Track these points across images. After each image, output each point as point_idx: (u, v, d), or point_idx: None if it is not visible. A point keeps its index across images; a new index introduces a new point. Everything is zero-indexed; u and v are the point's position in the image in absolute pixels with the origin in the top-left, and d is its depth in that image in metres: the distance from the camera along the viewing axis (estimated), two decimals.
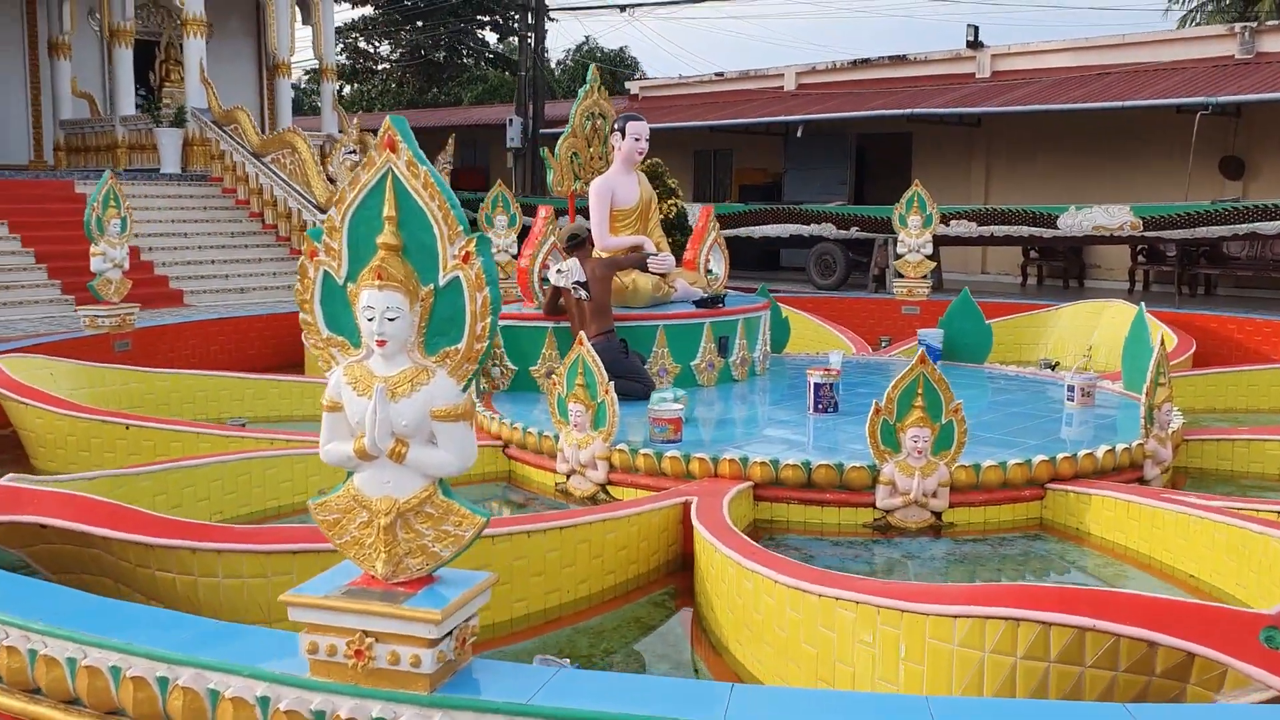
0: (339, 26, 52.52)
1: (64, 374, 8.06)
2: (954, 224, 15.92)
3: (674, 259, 8.86)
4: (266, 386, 8.71)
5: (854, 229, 17.08)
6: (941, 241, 16.64)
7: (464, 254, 2.65)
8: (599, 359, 7.61)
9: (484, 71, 48.91)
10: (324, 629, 2.75)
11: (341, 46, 53.19)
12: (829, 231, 17.34)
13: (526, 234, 8.96)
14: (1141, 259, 17.83)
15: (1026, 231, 15.44)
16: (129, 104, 18.71)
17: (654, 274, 8.69)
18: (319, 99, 52.86)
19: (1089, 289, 18.38)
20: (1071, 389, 7.75)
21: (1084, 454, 6.16)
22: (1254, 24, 18.70)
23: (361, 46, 53.49)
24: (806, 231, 17.71)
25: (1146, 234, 14.70)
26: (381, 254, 2.68)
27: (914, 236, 13.10)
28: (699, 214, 9.65)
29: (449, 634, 2.76)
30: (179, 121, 17.70)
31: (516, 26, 51.07)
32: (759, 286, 10.72)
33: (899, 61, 21.47)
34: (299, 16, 23.52)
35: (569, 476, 6.51)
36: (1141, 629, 3.06)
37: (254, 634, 3.09)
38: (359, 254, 2.74)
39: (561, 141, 9.00)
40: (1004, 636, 3.28)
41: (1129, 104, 16.23)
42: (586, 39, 48.98)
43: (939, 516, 5.93)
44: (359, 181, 2.71)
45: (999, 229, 15.60)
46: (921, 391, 5.83)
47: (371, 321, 2.69)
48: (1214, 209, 14.30)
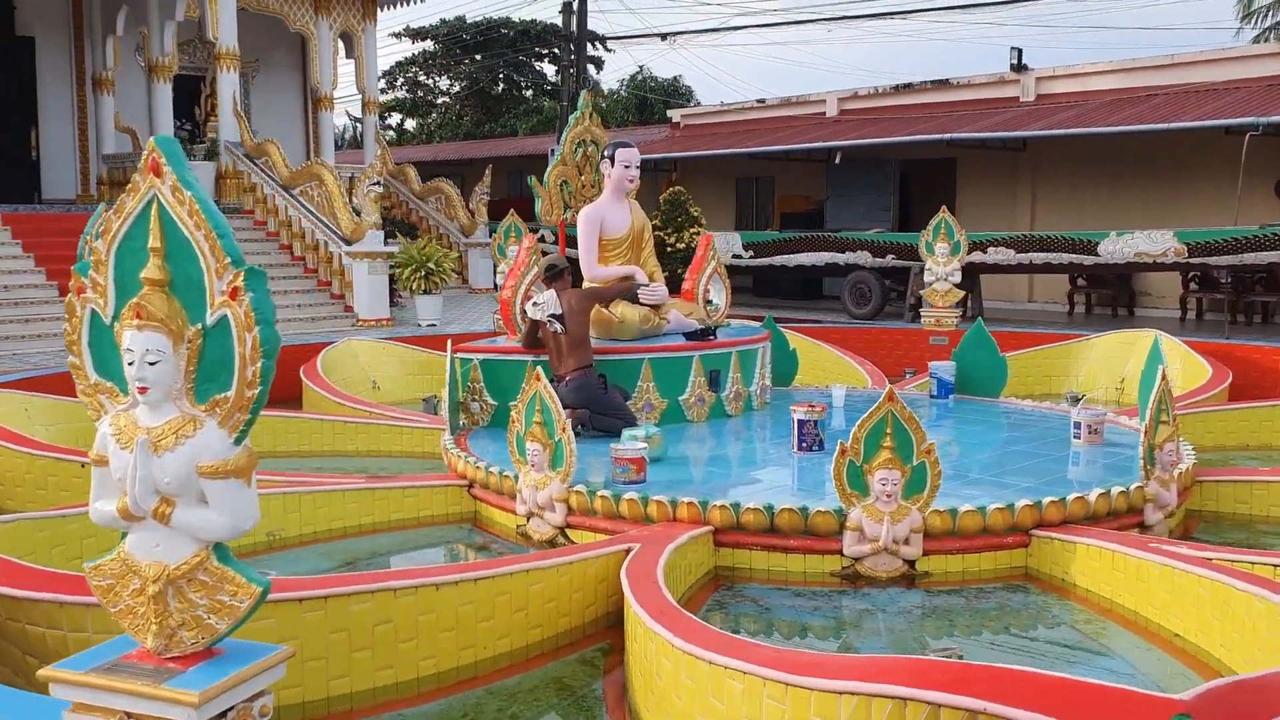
0: (400, 61, 53.27)
1: (39, 410, 7.95)
2: (992, 251, 15.40)
3: (666, 290, 8.55)
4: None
5: (889, 257, 16.62)
6: (980, 269, 16.13)
7: (231, 289, 2.37)
8: (574, 394, 7.36)
9: (539, 103, 49.10)
10: (88, 708, 2.46)
11: (402, 80, 54.00)
12: (864, 260, 16.91)
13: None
14: (1194, 286, 17.13)
15: (1066, 258, 14.88)
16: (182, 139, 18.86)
17: (645, 305, 8.39)
18: (383, 131, 53.44)
19: (1139, 318, 17.70)
20: (1078, 425, 7.28)
21: (1074, 498, 5.72)
22: None
23: (422, 80, 54.16)
24: (842, 260, 17.29)
25: (1191, 260, 14.08)
26: (144, 290, 2.40)
27: (942, 264, 12.64)
28: (699, 243, 9.32)
29: (223, 715, 2.45)
30: (211, 155, 17.79)
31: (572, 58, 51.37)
32: (765, 317, 10.34)
33: (942, 86, 21.00)
34: (342, 50, 23.66)
35: (528, 519, 6.21)
36: (1039, 716, 2.67)
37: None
38: (125, 289, 2.48)
39: (550, 169, 8.75)
40: (890, 717, 2.90)
41: (1175, 126, 15.62)
42: (640, 68, 48.90)
43: (912, 565, 5.52)
44: (124, 209, 2.44)
45: (1038, 256, 15.05)
46: (890, 431, 5.45)
47: (132, 365, 2.41)
48: (1262, 234, 13.65)
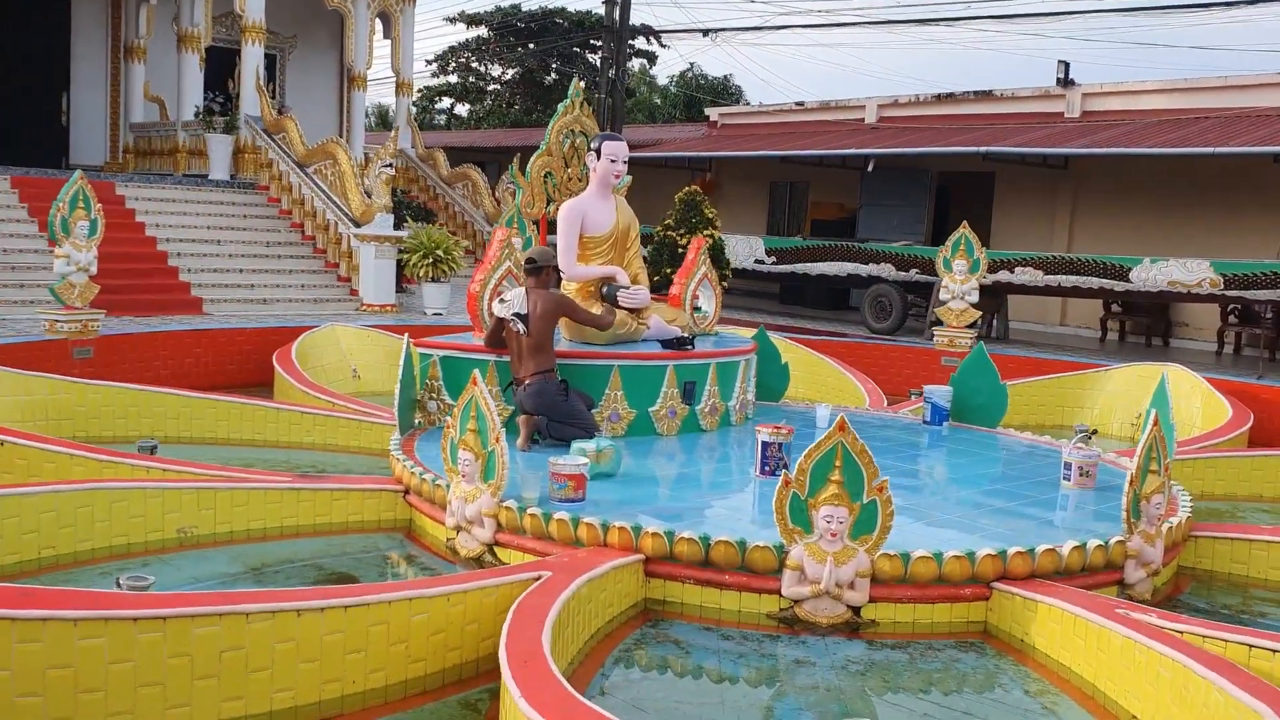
0: (453, 46, 53.18)
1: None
2: (1019, 270, 14.78)
3: (648, 293, 8.09)
4: (204, 406, 8.17)
5: (913, 271, 16.04)
6: (1007, 289, 15.52)
7: None
8: (532, 399, 6.93)
9: (589, 94, 48.72)
10: None
11: (454, 65, 53.85)
12: (887, 272, 16.33)
13: None
14: (1233, 319, 16.40)
15: (1096, 283, 14.22)
16: (192, 110, 18.65)
17: (624, 308, 7.94)
18: (434, 115, 53.21)
19: (1174, 349, 17.00)
20: (1068, 466, 6.75)
21: (1043, 550, 5.21)
22: None
23: (474, 66, 53.97)
24: (865, 271, 16.72)
25: (1227, 292, 13.39)
26: None
27: (959, 282, 12.09)
28: (690, 246, 8.86)
29: None
30: (230, 128, 17.54)
31: (629, 52, 50.95)
32: (759, 327, 9.86)
33: (985, 97, 20.32)
34: (380, 30, 23.38)
35: (457, 533, 5.79)
36: None
37: None
38: None
39: (534, 159, 8.31)
40: None
41: (1224, 151, 14.90)
42: (691, 66, 48.39)
43: (857, 613, 5.04)
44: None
45: (1067, 279, 14.41)
46: (840, 464, 4.97)
47: None
48: None
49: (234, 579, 5.36)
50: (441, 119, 54.45)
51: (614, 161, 7.94)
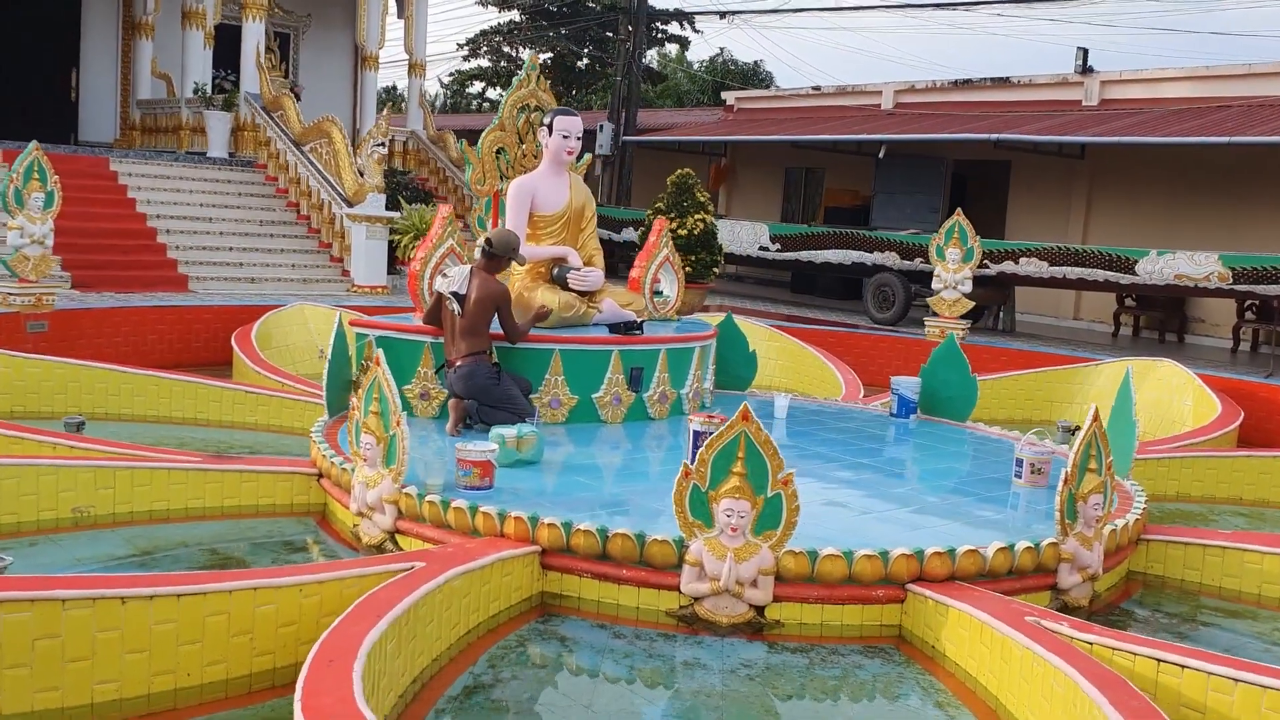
0: (484, 30, 53.00)
1: None
2: (1024, 261, 14.33)
3: (600, 275, 7.81)
4: (146, 383, 7.99)
5: (918, 260, 15.62)
6: (1011, 280, 15.07)
7: None
8: (461, 382, 6.67)
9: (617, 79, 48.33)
10: None
11: (485, 49, 53.66)
12: (892, 261, 15.90)
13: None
14: (1250, 315, 15.85)
15: (1101, 275, 13.74)
16: (189, 86, 18.54)
17: (574, 291, 7.67)
18: (467, 99, 52.94)
19: (1189, 345, 16.47)
20: (1020, 463, 6.40)
21: (964, 551, 4.89)
22: None
23: (505, 50, 53.74)
24: (869, 260, 16.31)
25: (1236, 286, 12.88)
26: None
27: (951, 271, 11.72)
28: (653, 227, 8.56)
29: None
30: (228, 105, 17.40)
31: (660, 36, 50.55)
32: (725, 314, 9.55)
33: (1002, 84, 19.80)
34: (394, 10, 23.19)
35: (360, 519, 5.54)
36: None
37: None
38: None
39: (486, 134, 8.02)
40: None
41: (1244, 140, 14.36)
42: (720, 51, 47.87)
43: (760, 612, 4.75)
44: None
45: (1072, 270, 13.94)
46: (743, 455, 4.67)
47: None
48: None
49: (119, 562, 5.15)
50: (475, 103, 54.31)
51: (566, 137, 7.65)
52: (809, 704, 4.21)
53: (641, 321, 7.58)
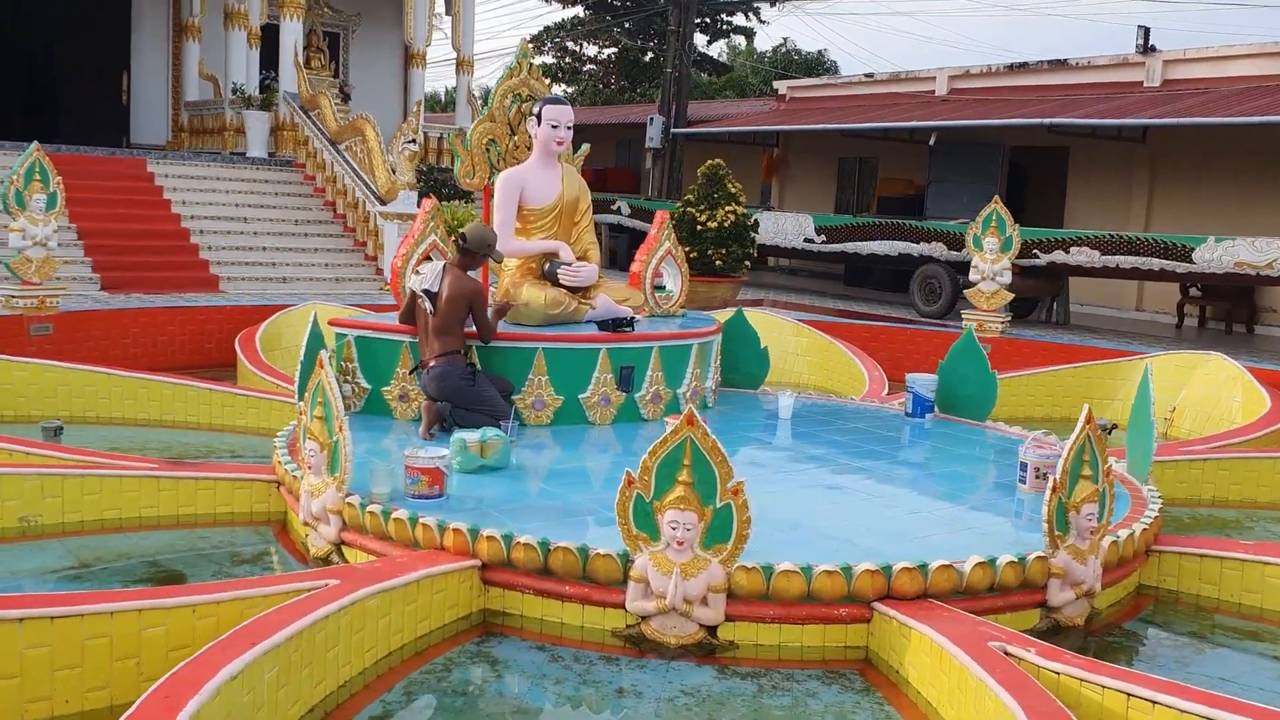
0: (548, 26, 52.96)
1: None
2: (1074, 251, 13.69)
3: (593, 270, 7.48)
4: (135, 386, 7.84)
5: (965, 251, 15.03)
6: (1063, 270, 14.43)
7: None
8: (434, 383, 6.40)
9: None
10: None
11: (550, 45, 53.60)
12: (938, 252, 15.34)
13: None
14: None
15: (1157, 264, 13.06)
16: (236, 88, 18.56)
17: (564, 287, 7.36)
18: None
19: (1260, 337, 15.66)
20: (1024, 468, 5.95)
21: (937, 566, 4.48)
22: None
23: (569, 46, 53.64)
24: (916, 251, 15.76)
25: None
26: None
27: (989, 262, 11.19)
28: (654, 219, 8.21)
29: None
30: (266, 105, 17.37)
31: (725, 28, 50.01)
32: (736, 309, 9.16)
33: (1059, 67, 19.05)
34: (443, 7, 23.08)
35: (308, 529, 5.29)
36: None
37: None
38: None
39: (474, 125, 7.72)
40: None
41: None
42: (784, 41, 47.19)
43: (712, 632, 4.39)
44: None
45: (1125, 259, 13.28)
46: (689, 463, 4.32)
47: None
48: None
49: (54, 575, 4.95)
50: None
51: (555, 127, 7.33)
52: None
53: (633, 318, 7.22)
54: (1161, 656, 4.73)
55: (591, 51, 53.68)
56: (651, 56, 51.90)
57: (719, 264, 13.07)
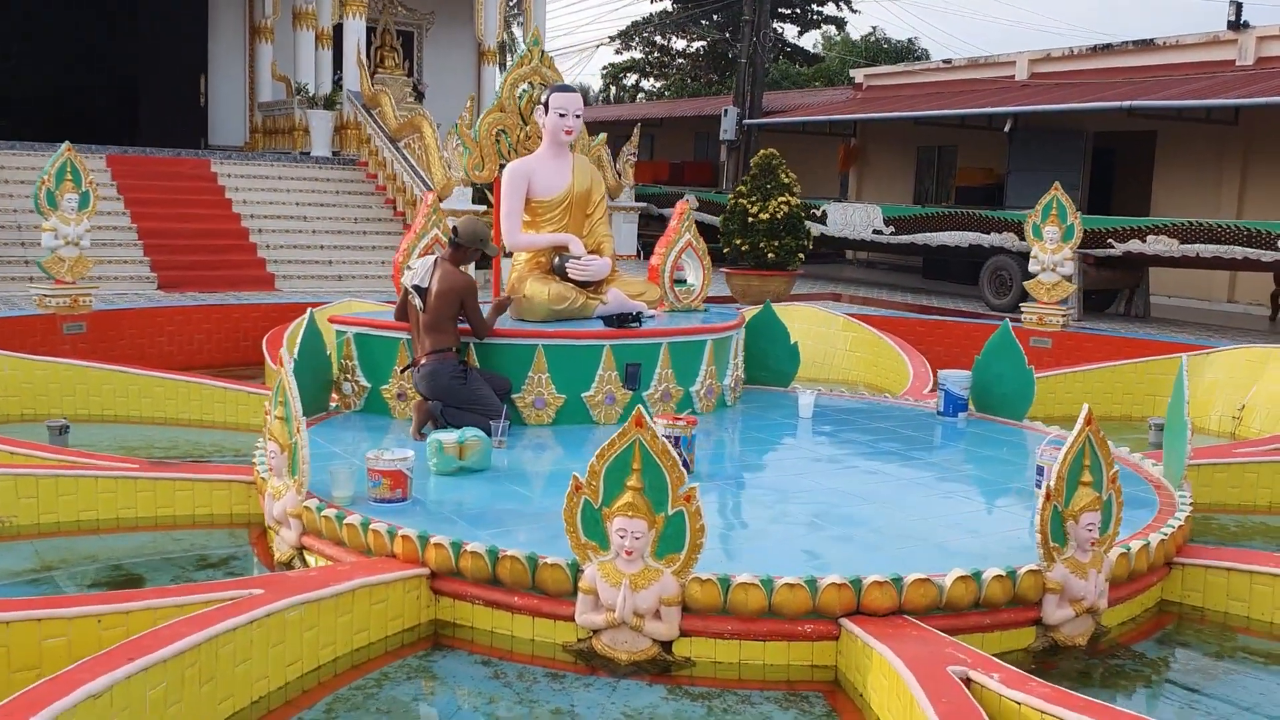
0: (635, 21, 52.84)
1: None
2: (1151, 240, 12.99)
3: (604, 264, 7.21)
4: (151, 384, 7.81)
5: None
6: (1139, 260, 13.73)
7: None
8: (425, 382, 6.20)
9: (774, 65, 47.33)
10: None
11: (638, 41, 53.46)
12: (1009, 243, 14.73)
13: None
14: None
15: (1240, 253, 12.31)
16: (309, 88, 18.72)
17: (574, 281, 7.11)
18: (624, 90, 52.84)
19: None
20: (1040, 472, 5.51)
21: (913, 579, 4.12)
22: None
23: (658, 41, 53.43)
24: (986, 242, 15.17)
25: None
26: None
27: (1049, 252, 10.64)
28: (674, 210, 7.91)
29: None
30: (330, 104, 17.46)
31: (816, 18, 49.29)
32: (765, 303, 8.78)
33: (1145, 47, 18.18)
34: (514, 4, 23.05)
35: (273, 533, 5.13)
36: None
37: None
38: None
39: (484, 116, 7.51)
40: None
41: None
42: (874, 30, 46.24)
43: (667, 648, 4.10)
44: None
45: (1205, 248, 12.55)
46: (638, 467, 4.03)
47: None
48: None
49: (13, 578, 4.86)
50: (630, 95, 54.36)
51: (564, 115, 7.07)
52: None
53: (639, 314, 6.93)
54: (1171, 681, 4.29)
55: (680, 45, 53.41)
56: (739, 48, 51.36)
57: (771, 257, 12.69)
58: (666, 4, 50.82)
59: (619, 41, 53.96)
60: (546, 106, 7.11)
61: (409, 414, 6.62)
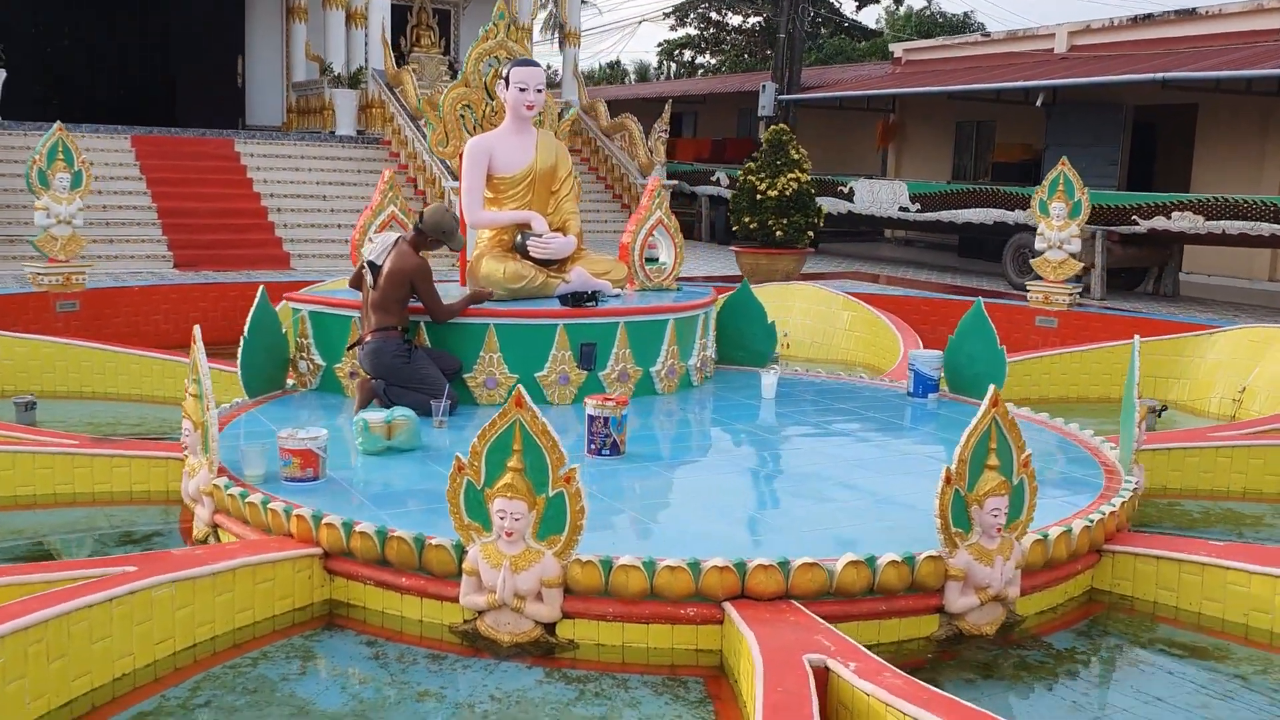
0: None
1: None
2: (1176, 216, 12.59)
3: (567, 242, 7.13)
4: (127, 361, 7.89)
5: None
6: (1165, 237, 13.32)
7: None
8: (368, 359, 6.18)
9: (821, 40, 46.76)
10: None
11: (692, 18, 53.11)
12: (1032, 220, 14.35)
13: None
14: None
15: (1267, 229, 11.88)
16: (339, 67, 18.80)
17: (535, 260, 7.04)
18: (679, 66, 52.66)
19: None
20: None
21: (800, 564, 4.01)
22: None
23: (712, 17, 53.05)
24: (1010, 218, 14.82)
25: None
26: None
27: (1055, 228, 10.36)
28: (645, 188, 7.79)
29: None
30: (354, 83, 17.53)
31: None
32: (743, 281, 8.65)
33: (1187, 17, 17.61)
34: None
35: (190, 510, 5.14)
36: None
37: None
38: None
39: (448, 91, 7.45)
40: None
41: None
42: (929, 3, 45.39)
43: (550, 630, 4.04)
44: None
45: (1231, 225, 12.13)
46: (519, 448, 3.96)
47: None
48: None
49: None
50: (689, 71, 54.20)
51: (524, 90, 6.98)
52: None
53: (595, 293, 6.84)
54: (1072, 674, 4.12)
55: (736, 22, 52.92)
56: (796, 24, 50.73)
57: (779, 235, 12.50)
58: None
59: (673, 17, 53.69)
60: (508, 81, 7.03)
61: None
